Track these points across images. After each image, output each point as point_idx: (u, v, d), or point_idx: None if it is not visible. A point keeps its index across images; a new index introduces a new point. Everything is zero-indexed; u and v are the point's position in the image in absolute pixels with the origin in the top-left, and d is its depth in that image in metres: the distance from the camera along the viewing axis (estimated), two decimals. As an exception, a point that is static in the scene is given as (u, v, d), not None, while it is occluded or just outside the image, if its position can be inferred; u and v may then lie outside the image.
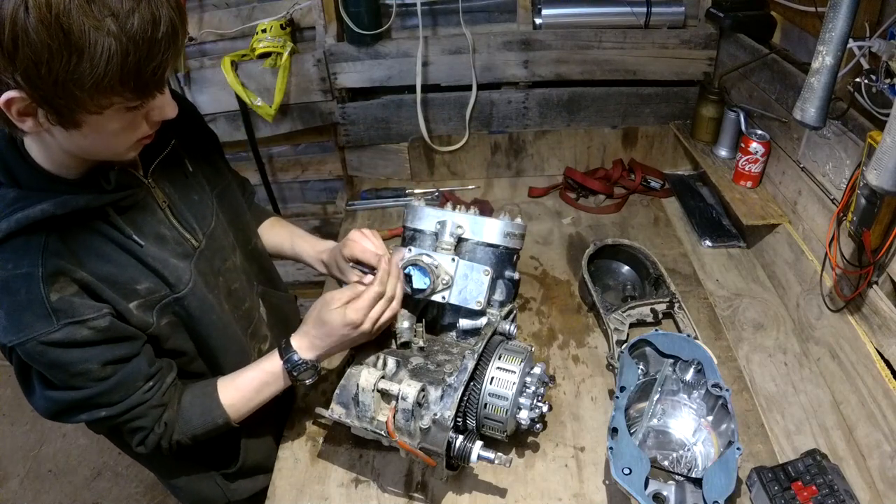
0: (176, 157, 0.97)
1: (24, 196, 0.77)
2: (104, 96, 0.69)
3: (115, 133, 0.75)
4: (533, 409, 0.98)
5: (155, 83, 0.72)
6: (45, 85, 0.65)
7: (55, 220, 0.78)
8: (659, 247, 1.56)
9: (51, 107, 0.67)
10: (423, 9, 1.64)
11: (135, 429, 0.92)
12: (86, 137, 0.73)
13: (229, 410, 0.97)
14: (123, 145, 0.79)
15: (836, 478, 0.94)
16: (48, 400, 0.85)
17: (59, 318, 0.77)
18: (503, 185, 1.87)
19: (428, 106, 1.78)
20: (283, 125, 1.82)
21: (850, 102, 1.12)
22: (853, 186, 1.09)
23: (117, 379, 0.86)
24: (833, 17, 0.86)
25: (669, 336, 1.09)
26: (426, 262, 1.05)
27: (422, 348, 1.06)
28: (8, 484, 2.27)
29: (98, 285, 0.82)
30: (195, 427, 0.96)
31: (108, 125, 0.73)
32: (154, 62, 0.69)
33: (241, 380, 0.99)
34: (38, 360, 0.79)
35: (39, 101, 0.67)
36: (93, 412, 0.87)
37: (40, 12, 0.61)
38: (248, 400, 0.99)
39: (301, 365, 0.97)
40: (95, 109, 0.70)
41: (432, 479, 1.04)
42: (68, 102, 0.67)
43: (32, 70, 0.63)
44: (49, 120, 0.69)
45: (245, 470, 1.13)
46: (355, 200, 1.83)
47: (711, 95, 1.64)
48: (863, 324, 1.11)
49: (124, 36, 0.65)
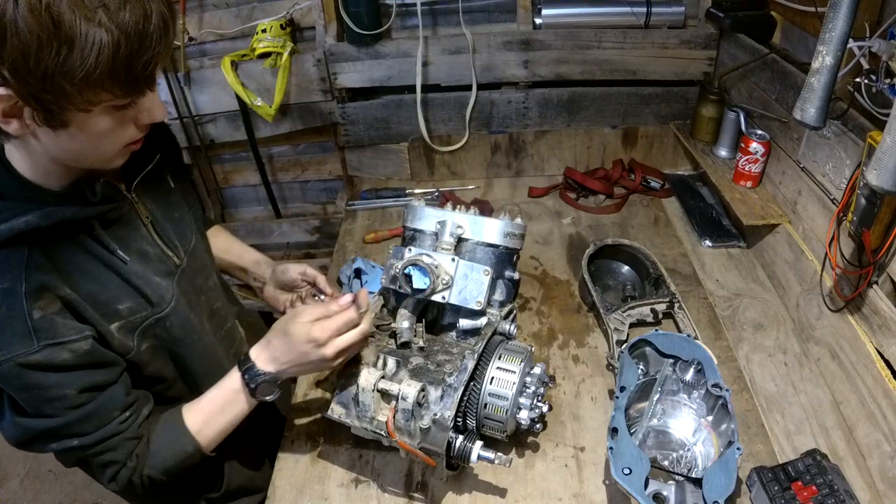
0: (159, 174, 0.95)
1: (7, 207, 0.74)
2: (93, 91, 0.66)
3: (102, 135, 0.72)
4: (533, 409, 0.98)
5: (145, 79, 0.70)
6: (33, 78, 0.62)
7: (39, 232, 0.74)
8: (659, 247, 1.56)
9: (38, 103, 0.65)
10: (423, 9, 1.64)
11: (106, 462, 0.86)
12: (73, 139, 0.71)
13: (198, 437, 0.91)
14: (111, 149, 0.76)
15: (836, 478, 0.94)
16: (18, 427, 0.80)
17: (39, 339, 0.74)
18: (503, 185, 1.87)
19: (428, 106, 1.78)
20: (283, 125, 1.82)
21: (850, 102, 1.12)
22: (853, 186, 1.09)
23: (93, 407, 0.82)
24: (833, 17, 0.86)
25: (669, 336, 1.09)
26: (426, 262, 1.05)
27: (422, 348, 1.06)
28: (8, 484, 2.27)
29: (81, 304, 0.79)
30: (165, 459, 0.90)
31: (96, 125, 0.71)
32: (145, 56, 0.67)
33: (204, 401, 0.94)
34: (12, 382, 0.76)
35: (27, 97, 0.64)
36: (64, 441, 0.82)
37: (30, 2, 0.60)
38: (214, 422, 0.93)
39: (260, 376, 0.91)
40: (84, 106, 0.67)
41: (432, 479, 1.04)
42: (57, 98, 0.65)
43: (20, 63, 0.61)
44: (36, 120, 0.67)
45: (229, 493, 1.12)
46: (355, 200, 1.83)
47: (711, 95, 1.64)
48: (863, 324, 1.11)
49: (115, 28, 0.63)
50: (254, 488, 1.15)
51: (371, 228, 1.70)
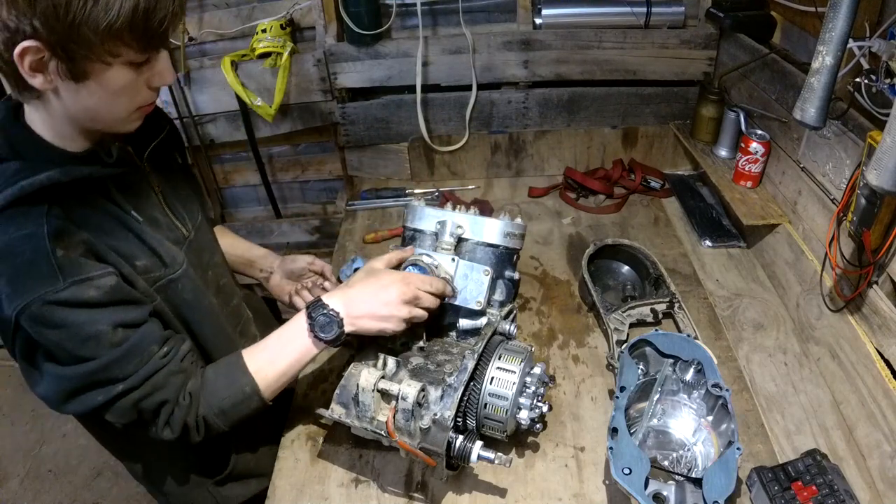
0: (167, 150, 1.00)
1: (27, 167, 0.77)
2: (114, 43, 0.71)
3: (118, 92, 0.77)
4: (533, 409, 0.98)
5: (160, 37, 0.75)
6: (61, 28, 0.67)
7: (58, 189, 0.77)
8: (659, 247, 1.56)
9: (64, 52, 0.70)
10: (423, 9, 1.64)
11: (157, 405, 0.86)
12: (92, 95, 0.75)
13: (256, 377, 0.92)
14: (125, 109, 0.80)
15: (836, 478, 0.94)
16: (58, 379, 0.80)
17: (65, 277, 0.75)
18: (503, 185, 1.87)
19: (428, 106, 1.78)
20: (283, 125, 1.82)
21: (850, 102, 1.12)
22: (853, 186, 1.09)
23: (130, 344, 0.82)
24: (833, 17, 0.86)
25: (669, 336, 1.09)
26: (426, 262, 1.05)
27: (422, 348, 1.06)
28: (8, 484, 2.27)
29: (102, 248, 0.82)
30: (222, 399, 0.90)
31: (114, 80, 0.75)
32: (161, 13, 0.72)
33: (265, 341, 0.97)
34: (45, 323, 0.76)
35: (54, 46, 0.69)
36: (108, 388, 0.81)
37: None
38: (274, 362, 0.94)
39: (322, 310, 0.93)
40: (105, 58, 0.72)
41: (432, 479, 1.04)
42: (81, 47, 0.70)
43: (51, 12, 0.67)
44: (59, 73, 0.71)
45: (236, 475, 1.12)
46: (355, 200, 1.83)
47: (711, 95, 1.64)
48: (863, 324, 1.11)
49: None
50: (260, 472, 1.15)
51: (371, 228, 1.70)
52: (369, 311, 0.95)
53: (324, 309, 0.94)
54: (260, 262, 1.28)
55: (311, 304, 0.95)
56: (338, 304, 0.94)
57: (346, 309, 0.94)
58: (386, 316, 0.95)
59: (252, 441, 1.15)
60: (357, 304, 0.95)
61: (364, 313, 0.95)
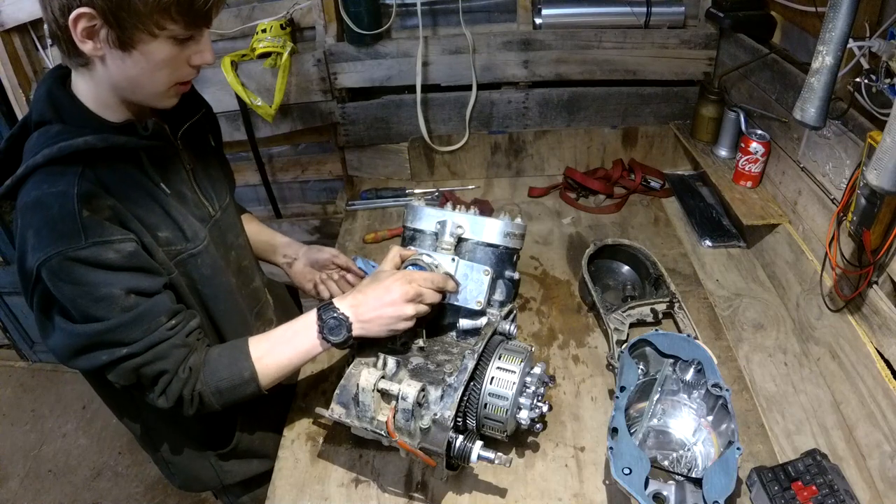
0: (201, 129, 1.05)
1: (69, 130, 0.83)
2: (161, 17, 0.77)
3: (160, 65, 0.81)
4: (533, 409, 0.98)
5: (204, 16, 0.80)
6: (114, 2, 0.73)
7: (94, 154, 0.82)
8: (659, 247, 1.56)
9: (115, 20, 0.75)
10: (423, 9, 1.64)
11: (157, 373, 0.89)
12: (136, 65, 0.80)
13: (257, 364, 0.95)
14: (165, 83, 0.85)
15: (836, 478, 0.94)
16: (68, 335, 0.83)
17: (87, 236, 0.79)
18: (503, 185, 1.87)
19: (428, 106, 1.78)
20: (283, 125, 1.82)
21: (850, 102, 1.12)
22: (853, 186, 1.09)
23: (140, 311, 0.84)
24: (833, 17, 0.86)
25: (669, 336, 1.09)
26: (426, 262, 1.05)
27: (422, 348, 1.06)
28: (8, 484, 2.27)
29: (127, 215, 0.85)
30: (220, 379, 0.93)
31: (158, 52, 0.80)
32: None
33: (272, 332, 0.99)
34: (62, 277, 0.79)
35: (106, 15, 0.74)
36: (114, 350, 0.84)
37: None
38: (276, 352, 0.96)
39: (333, 313, 0.95)
40: (152, 30, 0.77)
41: (432, 479, 1.04)
42: (130, 17, 0.75)
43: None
44: (108, 41, 0.77)
45: (240, 452, 1.15)
46: (355, 200, 1.83)
47: (711, 95, 1.64)
48: (863, 324, 1.11)
49: None
50: (263, 453, 1.18)
51: (371, 228, 1.70)
52: (377, 315, 0.96)
53: (334, 312, 0.95)
54: (283, 248, 1.31)
55: (322, 306, 0.97)
56: (347, 309, 0.96)
57: (354, 313, 0.96)
58: (393, 317, 0.96)
59: (257, 421, 1.16)
60: (365, 309, 0.96)
61: (372, 317, 0.96)
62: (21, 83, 1.71)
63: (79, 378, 2.75)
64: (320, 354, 0.99)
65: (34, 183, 0.82)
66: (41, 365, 2.86)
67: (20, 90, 1.72)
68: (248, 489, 1.24)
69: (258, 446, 1.17)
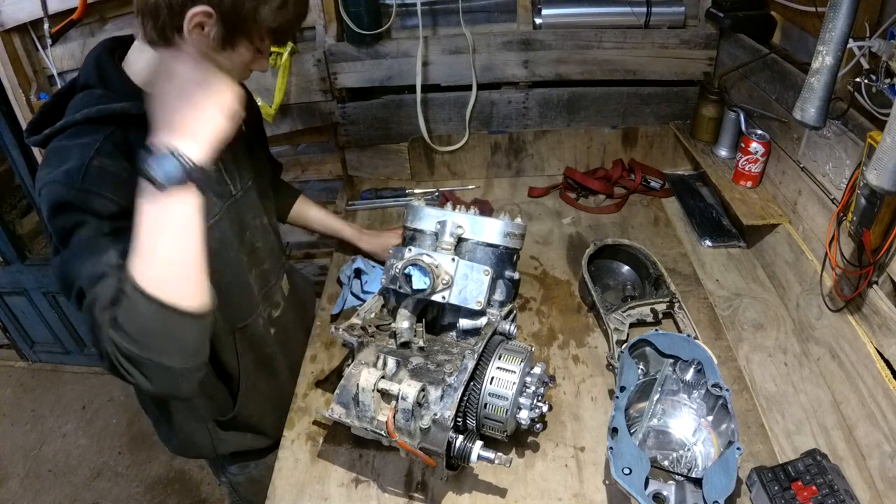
0: None
1: (111, 96, 0.88)
2: (263, 33, 0.89)
3: (234, 65, 0.91)
4: (533, 409, 0.98)
5: (288, 38, 0.95)
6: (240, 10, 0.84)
7: (128, 119, 0.86)
8: (659, 247, 1.55)
9: (229, 25, 0.85)
10: (423, 9, 1.64)
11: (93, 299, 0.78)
12: (216, 61, 0.88)
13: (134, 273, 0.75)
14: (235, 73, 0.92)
15: (836, 478, 0.94)
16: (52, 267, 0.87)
17: (83, 180, 0.81)
18: (503, 185, 1.87)
19: (428, 106, 1.78)
20: (283, 125, 1.82)
21: (850, 102, 1.12)
22: (853, 186, 1.09)
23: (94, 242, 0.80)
24: (833, 17, 0.86)
25: (669, 336, 1.09)
26: (426, 262, 1.05)
27: (422, 348, 1.06)
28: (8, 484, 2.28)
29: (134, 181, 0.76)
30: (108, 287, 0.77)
31: (241, 57, 0.91)
32: (298, 22, 0.93)
33: None
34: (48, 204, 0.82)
35: (225, 17, 0.84)
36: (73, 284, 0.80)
37: None
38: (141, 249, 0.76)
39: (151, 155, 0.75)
40: (252, 40, 0.89)
41: (432, 479, 1.04)
42: (242, 27, 0.86)
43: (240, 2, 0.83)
44: (211, 36, 0.85)
45: (238, 423, 1.18)
46: (355, 200, 1.83)
47: (711, 95, 1.64)
48: (863, 324, 1.11)
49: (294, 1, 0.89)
50: (259, 428, 1.22)
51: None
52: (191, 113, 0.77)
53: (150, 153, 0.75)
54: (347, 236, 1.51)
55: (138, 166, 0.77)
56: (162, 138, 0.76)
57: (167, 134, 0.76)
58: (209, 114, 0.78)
59: (258, 395, 1.19)
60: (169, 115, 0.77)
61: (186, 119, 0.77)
62: (21, 83, 1.71)
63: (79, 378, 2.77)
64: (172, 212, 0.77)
65: (67, 135, 0.86)
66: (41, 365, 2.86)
67: (20, 90, 1.71)
68: (239, 461, 1.28)
69: (256, 421, 1.20)
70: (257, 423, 1.21)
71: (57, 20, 1.60)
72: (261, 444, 1.24)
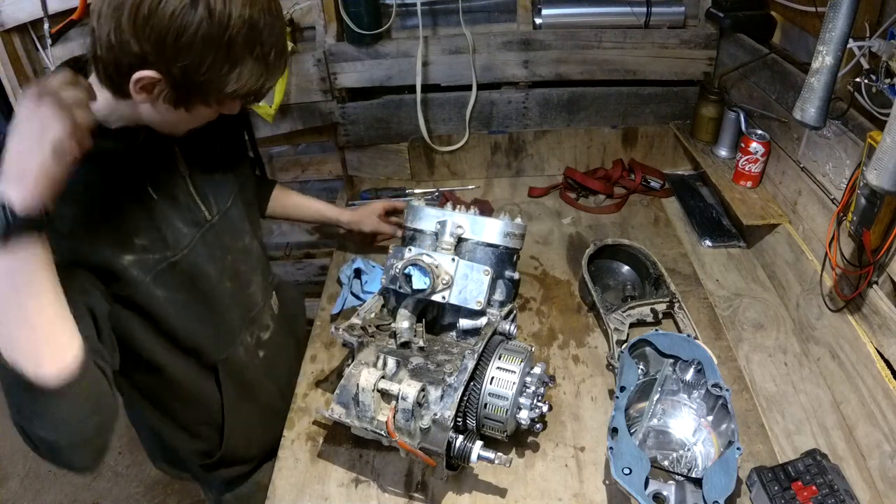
0: (209, 135, 1.01)
1: None
2: (227, 100, 0.83)
3: (199, 118, 0.86)
4: (533, 409, 0.98)
5: (261, 96, 0.85)
6: (192, 80, 0.76)
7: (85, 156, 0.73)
8: (659, 247, 1.56)
9: (181, 90, 0.78)
10: (423, 9, 1.64)
11: None
12: (177, 116, 0.83)
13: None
14: (191, 126, 0.89)
15: (836, 478, 0.94)
16: None
17: None
18: (503, 185, 1.87)
19: (428, 106, 1.78)
20: (283, 125, 1.81)
21: (850, 102, 1.12)
22: (853, 186, 1.09)
23: None
24: (833, 17, 0.86)
25: (669, 336, 1.09)
26: (426, 262, 1.05)
27: (422, 348, 1.06)
28: (8, 484, 2.27)
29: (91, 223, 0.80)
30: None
31: (204, 113, 0.85)
32: (269, 84, 0.84)
33: None
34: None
35: (175, 84, 0.77)
36: None
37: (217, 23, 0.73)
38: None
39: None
40: (210, 104, 0.82)
41: (432, 479, 1.04)
42: (198, 94, 0.79)
43: (193, 67, 0.75)
44: (163, 98, 0.79)
45: (225, 460, 1.15)
46: (355, 200, 1.82)
47: (711, 95, 1.64)
48: (863, 324, 1.11)
49: (264, 63, 0.80)
50: (247, 457, 1.19)
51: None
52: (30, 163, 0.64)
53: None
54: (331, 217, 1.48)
55: None
56: None
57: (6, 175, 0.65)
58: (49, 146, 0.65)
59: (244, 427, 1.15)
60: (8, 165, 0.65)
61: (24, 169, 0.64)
62: (21, 83, 1.71)
63: (79, 378, 2.76)
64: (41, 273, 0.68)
65: None
66: (41, 365, 2.85)
67: (20, 90, 1.71)
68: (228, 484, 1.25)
69: (244, 452, 1.16)
70: (244, 454, 1.18)
71: (57, 20, 1.59)
72: (250, 468, 1.21)
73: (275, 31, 0.81)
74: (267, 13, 0.79)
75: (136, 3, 0.71)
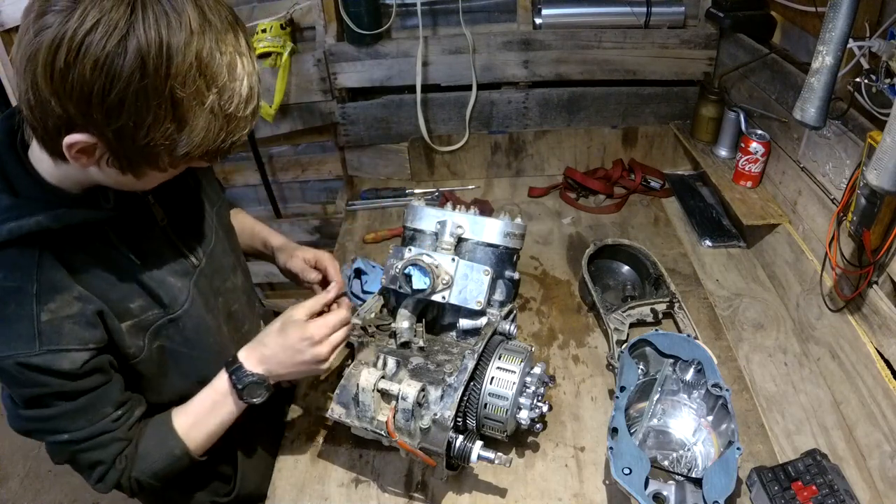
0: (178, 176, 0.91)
1: (20, 205, 0.72)
2: (183, 162, 0.70)
3: (154, 180, 0.75)
4: (533, 409, 0.98)
5: (226, 153, 0.72)
6: (134, 145, 0.64)
7: (50, 234, 0.73)
8: (659, 247, 1.56)
9: (122, 155, 0.66)
10: (423, 9, 1.64)
11: (94, 462, 0.85)
12: (128, 179, 0.72)
13: (185, 439, 0.90)
14: (153, 185, 0.77)
15: (836, 477, 0.94)
16: (17, 418, 0.81)
17: (42, 343, 0.74)
18: (503, 185, 1.87)
19: (428, 106, 1.78)
20: (283, 125, 1.82)
21: (850, 102, 1.12)
22: (853, 186, 1.09)
23: (85, 402, 0.81)
24: (833, 17, 0.86)
25: (669, 336, 1.09)
26: (426, 261, 1.05)
27: (422, 348, 1.06)
28: (8, 484, 2.27)
29: (96, 300, 0.78)
30: (154, 461, 0.88)
31: (154, 178, 0.74)
32: (235, 136, 0.70)
33: (193, 404, 0.92)
34: (11, 379, 0.76)
35: (118, 153, 0.66)
36: (55, 435, 0.82)
37: (158, 77, 0.60)
38: (203, 425, 0.92)
39: (247, 377, 0.90)
40: (158, 169, 0.70)
41: (432, 479, 1.04)
42: (145, 161, 0.67)
43: (129, 129, 0.63)
44: (107, 162, 0.67)
45: (240, 498, 1.12)
46: (355, 200, 1.83)
47: (711, 95, 1.64)
48: (863, 324, 1.11)
49: (222, 113, 0.66)
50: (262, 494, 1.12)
51: (371, 228, 1.70)
52: (291, 371, 0.93)
53: (249, 376, 0.90)
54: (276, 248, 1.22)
55: (231, 369, 0.91)
56: (257, 367, 0.91)
57: (267, 370, 0.91)
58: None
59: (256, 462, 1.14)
60: (277, 367, 0.92)
61: (286, 372, 0.93)
62: (21, 83, 1.71)
63: (79, 378, 2.76)
64: None
65: None
66: (41, 365, 2.85)
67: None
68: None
69: (256, 490, 1.13)
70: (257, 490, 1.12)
71: (57, 20, 1.59)
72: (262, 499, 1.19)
73: (236, 71, 0.66)
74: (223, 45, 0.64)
75: (51, 55, 0.59)
